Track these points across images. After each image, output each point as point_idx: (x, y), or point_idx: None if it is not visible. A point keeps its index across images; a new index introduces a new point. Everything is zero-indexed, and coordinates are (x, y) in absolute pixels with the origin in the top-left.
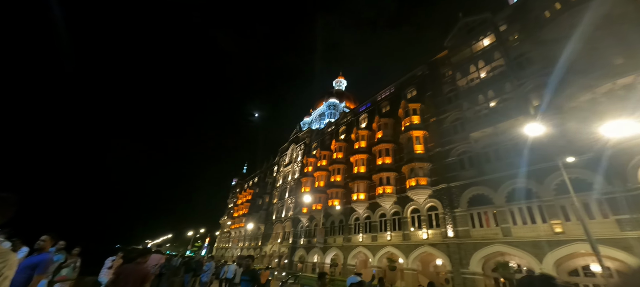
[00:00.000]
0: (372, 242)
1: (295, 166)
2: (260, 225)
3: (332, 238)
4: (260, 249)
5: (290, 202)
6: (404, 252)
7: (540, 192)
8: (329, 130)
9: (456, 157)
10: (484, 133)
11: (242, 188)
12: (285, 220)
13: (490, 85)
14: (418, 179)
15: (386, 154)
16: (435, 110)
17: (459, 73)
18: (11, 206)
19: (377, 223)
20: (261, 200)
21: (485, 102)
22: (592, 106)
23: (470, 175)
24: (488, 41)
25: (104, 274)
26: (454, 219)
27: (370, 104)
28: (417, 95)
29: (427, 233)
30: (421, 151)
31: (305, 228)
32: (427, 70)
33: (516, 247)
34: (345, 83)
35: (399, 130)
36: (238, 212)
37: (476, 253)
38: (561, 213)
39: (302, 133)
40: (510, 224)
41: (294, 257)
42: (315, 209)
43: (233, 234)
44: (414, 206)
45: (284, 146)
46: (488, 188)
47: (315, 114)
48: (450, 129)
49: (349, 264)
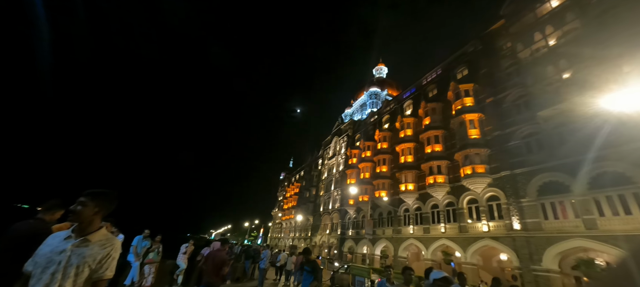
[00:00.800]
0: (424, 234)
1: (339, 159)
2: (309, 216)
3: (381, 230)
4: (310, 240)
5: (336, 194)
6: (461, 246)
7: (636, 177)
8: (372, 121)
9: (520, 141)
10: (555, 110)
11: (290, 182)
12: (332, 212)
13: (563, 54)
14: (474, 167)
15: (435, 141)
16: (491, 90)
17: (521, 44)
18: (114, 199)
19: (428, 214)
20: (308, 192)
21: (557, 75)
22: None
23: (539, 160)
24: (557, 1)
25: (180, 259)
26: (520, 210)
27: (415, 90)
28: (468, 74)
29: (487, 225)
30: (477, 135)
31: (353, 219)
32: (480, 46)
33: (604, 242)
34: (386, 70)
35: (449, 114)
36: (287, 205)
37: (550, 248)
38: None
39: (344, 125)
40: (595, 215)
41: (343, 248)
42: (361, 200)
43: (284, 225)
44: (470, 196)
45: (327, 139)
46: (563, 174)
47: (357, 104)
48: (512, 109)
49: (400, 256)
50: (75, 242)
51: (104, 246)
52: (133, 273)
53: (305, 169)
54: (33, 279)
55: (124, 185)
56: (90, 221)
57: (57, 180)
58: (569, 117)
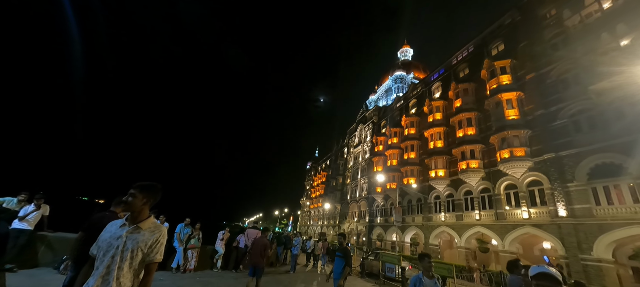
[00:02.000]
0: (456, 221)
1: (365, 146)
2: (337, 204)
3: (411, 217)
4: (338, 227)
5: (363, 182)
6: (498, 233)
7: None
8: (398, 106)
9: (568, 119)
10: (611, 83)
11: (316, 171)
12: (359, 199)
13: (621, 17)
14: (513, 150)
15: (468, 124)
16: (533, 65)
17: (568, 10)
18: (159, 190)
19: (461, 201)
20: (335, 181)
21: (613, 42)
22: None
23: (590, 140)
24: None
25: (218, 244)
26: (567, 195)
27: (444, 70)
28: (505, 50)
29: (528, 212)
30: (515, 116)
31: (381, 207)
32: (519, 16)
33: None
34: (411, 52)
35: (483, 95)
36: (315, 193)
37: (603, 236)
38: None
39: (369, 112)
40: None
41: (371, 235)
42: (389, 188)
43: (312, 213)
44: (508, 181)
45: (351, 127)
46: (620, 154)
47: (381, 90)
48: (558, 85)
49: (431, 243)
50: (129, 229)
51: (153, 232)
52: (178, 257)
53: (331, 158)
54: (97, 261)
55: (167, 177)
56: (140, 210)
57: (109, 174)
58: (627, 91)
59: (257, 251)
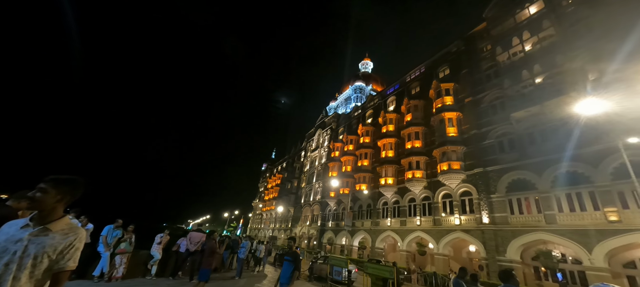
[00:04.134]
0: (400, 226)
1: (322, 151)
2: (290, 208)
3: (360, 222)
4: (290, 231)
5: (317, 186)
6: (435, 238)
7: (593, 177)
8: (356, 115)
9: (494, 140)
10: (528, 112)
11: (272, 173)
12: (313, 203)
13: (537, 59)
14: (451, 163)
15: (416, 137)
16: (471, 90)
17: (500, 47)
18: (80, 186)
19: (406, 208)
20: (290, 184)
21: (531, 78)
22: None
23: (510, 158)
24: (535, 8)
25: (155, 249)
26: (490, 205)
27: (399, 86)
28: (450, 74)
29: (459, 219)
30: (454, 133)
31: (333, 211)
32: (463, 46)
33: (561, 236)
34: (371, 65)
35: (430, 112)
36: (269, 196)
37: (514, 240)
38: (618, 200)
39: (328, 118)
40: (555, 211)
41: (322, 239)
42: (342, 193)
43: (265, 216)
44: (445, 191)
45: (310, 132)
46: (531, 172)
47: (341, 98)
48: (489, 110)
49: (377, 247)
50: (34, 231)
51: (66, 235)
52: (103, 263)
53: (287, 161)
54: None
55: (95, 171)
56: (51, 209)
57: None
58: (539, 120)
59: (205, 254)
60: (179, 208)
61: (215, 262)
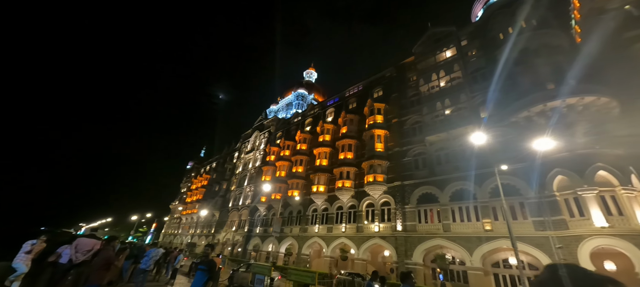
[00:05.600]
0: (327, 233)
1: (257, 154)
2: (216, 212)
3: (289, 228)
4: (213, 237)
5: (249, 190)
6: (356, 244)
7: (477, 194)
8: (295, 121)
9: (412, 158)
10: (438, 137)
11: (199, 173)
12: (242, 208)
13: (448, 95)
14: (376, 176)
15: (349, 149)
16: (398, 112)
17: (423, 80)
18: None
19: (333, 215)
20: (218, 186)
21: (442, 110)
22: (527, 123)
23: (422, 175)
24: (450, 53)
25: (21, 259)
26: (403, 215)
27: (338, 99)
28: (383, 95)
29: (378, 226)
30: (381, 149)
31: (263, 217)
32: (395, 73)
33: (453, 242)
34: (315, 75)
35: (363, 127)
36: (192, 198)
37: (420, 246)
38: (492, 213)
39: (268, 121)
40: (450, 221)
41: (248, 246)
42: (274, 198)
43: (184, 220)
44: (369, 201)
45: (247, 132)
46: (436, 188)
47: (283, 102)
48: (410, 131)
49: (303, 253)
50: None
51: None
52: None
53: (218, 161)
54: None
55: None
56: None
57: None
58: (446, 144)
59: (96, 266)
60: (71, 208)
61: (110, 276)
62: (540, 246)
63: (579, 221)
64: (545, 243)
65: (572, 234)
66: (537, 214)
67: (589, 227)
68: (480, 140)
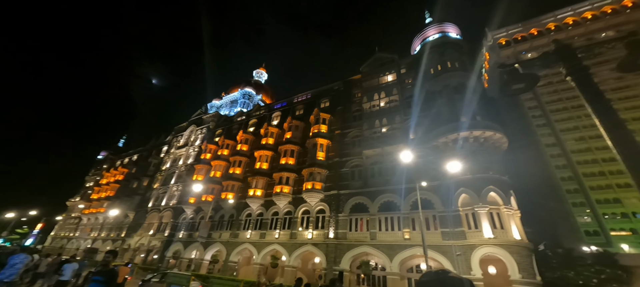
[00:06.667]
0: (260, 239)
1: (190, 150)
2: (130, 212)
3: (218, 233)
4: (122, 241)
5: (175, 189)
6: (289, 250)
7: (402, 206)
8: (239, 120)
9: (349, 169)
10: (374, 152)
11: (113, 165)
12: (164, 209)
13: (386, 114)
14: (314, 183)
15: (291, 154)
16: (341, 124)
17: (366, 97)
18: None
19: (268, 221)
20: (137, 182)
21: (380, 127)
22: (445, 148)
23: (357, 185)
24: (391, 78)
25: None
26: (336, 222)
27: (286, 104)
28: (329, 106)
29: (312, 233)
30: (322, 158)
31: (189, 220)
32: (343, 87)
33: (378, 249)
34: (266, 76)
35: (307, 134)
36: (100, 194)
37: (348, 253)
38: (411, 224)
39: (208, 116)
40: (377, 229)
41: (167, 253)
42: (205, 200)
43: (86, 220)
44: (305, 208)
45: (181, 125)
46: (368, 198)
47: (227, 99)
48: (350, 144)
49: (231, 260)
50: None
51: None
52: None
53: (142, 154)
54: None
55: None
56: None
57: None
58: (379, 159)
59: None
60: None
61: None
62: (445, 253)
63: (474, 233)
64: (448, 251)
65: (468, 243)
66: (444, 225)
67: (480, 237)
68: (408, 158)
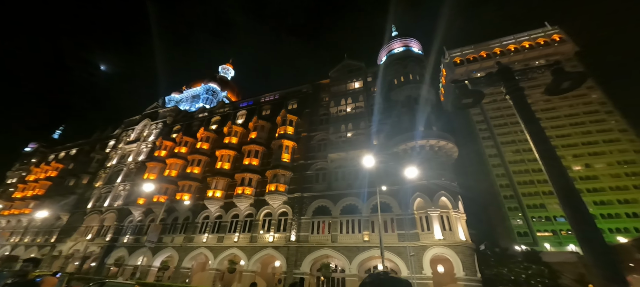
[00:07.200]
0: (217, 243)
1: (143, 146)
2: (63, 214)
3: (170, 237)
4: (52, 248)
5: (122, 188)
6: (248, 254)
7: (362, 210)
8: (200, 116)
9: (314, 172)
10: (339, 156)
11: (45, 159)
12: (107, 210)
13: (351, 120)
14: (278, 185)
15: (255, 155)
16: (308, 127)
17: (333, 102)
18: None
19: (227, 223)
20: (75, 180)
21: (345, 132)
22: (404, 154)
23: (321, 188)
24: (358, 85)
25: None
26: (299, 225)
27: (253, 103)
28: (297, 108)
29: (273, 236)
30: (287, 160)
31: (137, 223)
32: (311, 90)
33: (338, 251)
34: (232, 73)
35: (273, 136)
36: (25, 193)
37: (309, 255)
38: (371, 226)
39: (165, 110)
40: (338, 232)
41: (108, 259)
42: (157, 201)
43: (4, 223)
44: (268, 210)
45: (133, 118)
46: (330, 201)
47: (188, 93)
48: (315, 147)
49: (184, 266)
50: None
51: None
52: None
53: (82, 148)
54: None
55: None
56: None
57: None
58: (343, 163)
59: None
60: None
61: None
62: (400, 254)
63: (426, 234)
64: (403, 252)
65: (421, 244)
66: (401, 228)
67: (432, 239)
68: (370, 163)
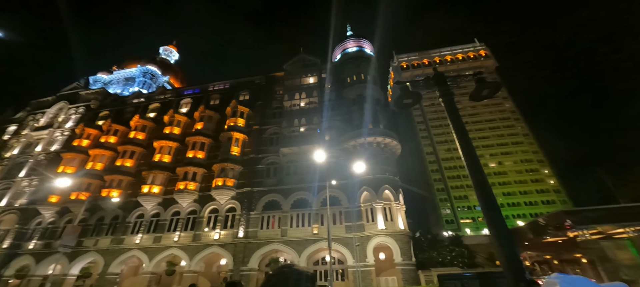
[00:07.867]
0: (153, 243)
1: (57, 133)
2: None
3: (93, 240)
4: None
5: (27, 184)
6: (190, 254)
7: (312, 203)
8: (135, 102)
9: (265, 166)
10: (291, 150)
11: None
12: (5, 211)
13: (305, 115)
14: (226, 180)
15: (201, 148)
16: (260, 120)
17: (287, 96)
18: None
19: (166, 222)
20: None
21: (299, 126)
22: (353, 150)
23: (271, 183)
24: (312, 80)
25: None
26: (247, 221)
27: (199, 91)
28: (249, 100)
29: (219, 233)
30: (237, 153)
31: (48, 225)
32: (264, 82)
33: (288, 245)
34: (177, 56)
35: (222, 127)
36: None
37: (257, 251)
38: (320, 219)
39: (89, 92)
40: (288, 226)
41: (5, 270)
42: (75, 198)
43: None
44: (214, 206)
45: (44, 100)
46: (281, 196)
47: (121, 74)
48: (267, 140)
49: (110, 272)
50: None
51: None
52: None
53: None
54: None
55: None
56: None
57: None
58: (295, 157)
59: None
60: None
61: None
62: (347, 244)
63: (371, 225)
64: (350, 242)
65: (366, 234)
66: (348, 220)
67: (375, 229)
68: (321, 158)
